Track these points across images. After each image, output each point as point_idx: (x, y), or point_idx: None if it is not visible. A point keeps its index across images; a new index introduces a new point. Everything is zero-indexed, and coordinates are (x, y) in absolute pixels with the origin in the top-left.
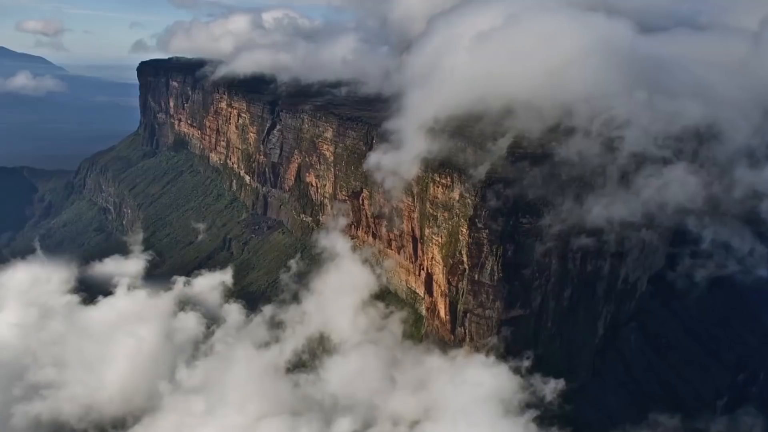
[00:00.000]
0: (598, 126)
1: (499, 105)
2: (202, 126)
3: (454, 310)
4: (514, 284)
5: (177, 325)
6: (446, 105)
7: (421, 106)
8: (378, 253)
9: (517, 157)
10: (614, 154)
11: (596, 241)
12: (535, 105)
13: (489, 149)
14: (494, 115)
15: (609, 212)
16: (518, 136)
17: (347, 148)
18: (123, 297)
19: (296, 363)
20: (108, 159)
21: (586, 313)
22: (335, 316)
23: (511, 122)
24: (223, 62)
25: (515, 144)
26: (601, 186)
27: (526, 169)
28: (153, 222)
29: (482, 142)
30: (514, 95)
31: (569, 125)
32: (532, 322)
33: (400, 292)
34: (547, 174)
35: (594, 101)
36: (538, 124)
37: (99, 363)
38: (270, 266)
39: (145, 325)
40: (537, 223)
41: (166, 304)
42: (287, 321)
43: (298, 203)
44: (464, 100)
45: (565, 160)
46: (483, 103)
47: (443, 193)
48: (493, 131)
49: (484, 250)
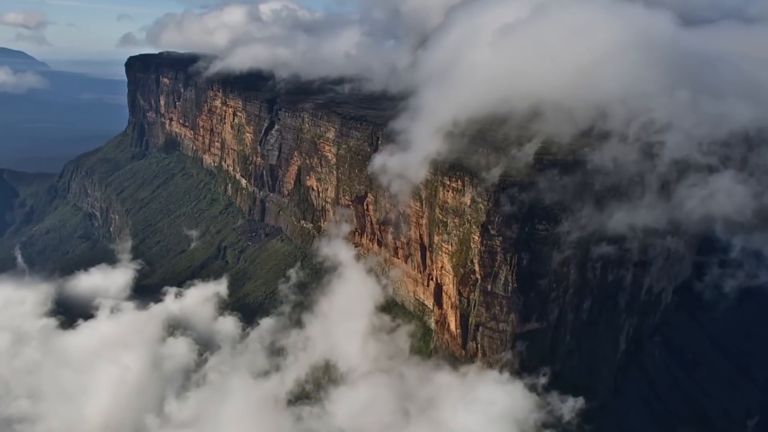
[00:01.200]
0: (636, 130)
1: (526, 106)
2: (195, 126)
3: (465, 323)
4: (530, 295)
5: (166, 352)
6: (466, 106)
7: (437, 107)
8: (384, 262)
9: (546, 164)
10: (654, 162)
11: (618, 249)
12: (566, 106)
13: (514, 156)
14: (520, 118)
15: (632, 218)
16: (547, 141)
17: (350, 150)
18: (105, 320)
19: (299, 394)
20: (94, 161)
21: (607, 326)
22: (340, 339)
23: (539, 126)
24: (218, 57)
25: (543, 150)
26: (639, 197)
27: (555, 178)
28: (142, 229)
29: (506, 147)
30: (542, 95)
31: (603, 129)
32: (549, 336)
33: (408, 304)
34: (579, 183)
35: (631, 102)
36: (568, 128)
37: (79, 394)
38: (268, 276)
39: (131, 352)
40: (554, 229)
41: (154, 328)
42: (288, 346)
43: (298, 209)
44: (486, 100)
45: (598, 168)
46: (507, 105)
47: (454, 198)
48: (519, 135)
49: (497, 258)
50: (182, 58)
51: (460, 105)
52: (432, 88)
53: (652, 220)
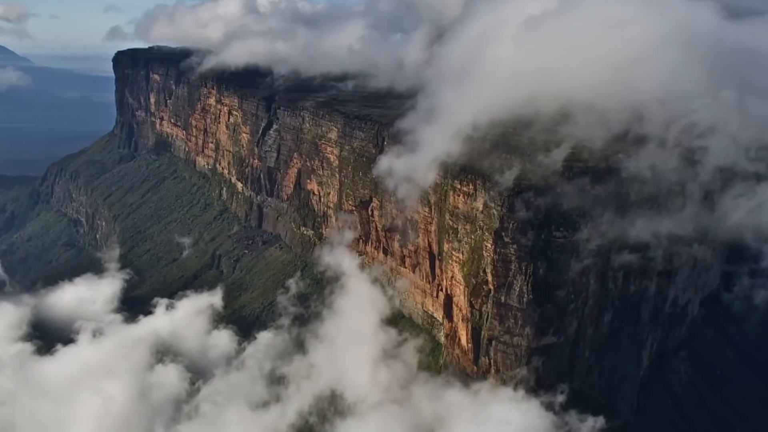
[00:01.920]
0: (676, 134)
1: (553, 108)
2: (188, 125)
3: (477, 337)
4: (547, 307)
5: (154, 380)
6: (487, 107)
7: (455, 109)
8: (390, 271)
9: (576, 172)
10: (695, 169)
11: (641, 257)
12: (598, 108)
13: (541, 163)
14: (547, 121)
15: (655, 225)
16: (577, 147)
17: (354, 151)
18: (87, 345)
19: (302, 428)
20: (79, 163)
21: (630, 340)
22: (342, 358)
23: (568, 129)
24: (212, 52)
25: (573, 156)
26: (679, 208)
27: (586, 187)
28: (131, 236)
29: (532, 153)
30: (571, 96)
31: (640, 133)
32: (566, 351)
33: (415, 317)
34: (613, 193)
35: (671, 103)
36: (601, 132)
37: (58, 427)
38: (265, 287)
39: (115, 381)
40: (573, 236)
41: (141, 354)
42: (289, 374)
43: (298, 214)
44: (510, 101)
45: (634, 177)
46: (533, 106)
47: (465, 203)
48: (546, 140)
49: (511, 268)
50: (174, 53)
51: (481, 106)
52: (449, 86)
53: (679, 226)
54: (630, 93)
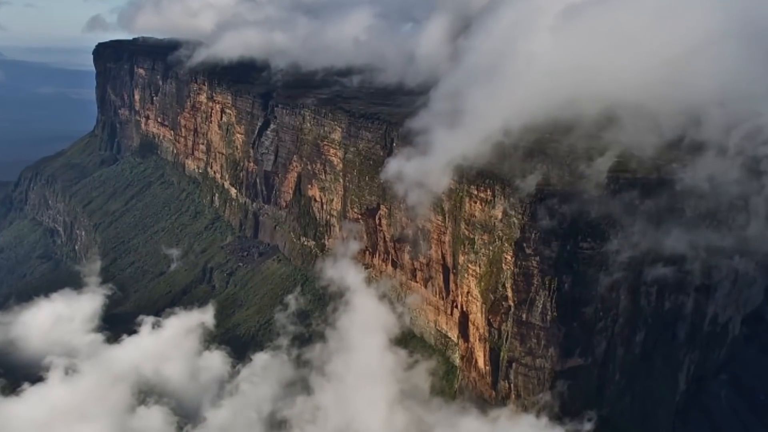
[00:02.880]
0: (738, 140)
1: (597, 110)
2: (176, 125)
3: (495, 358)
4: (572, 326)
5: (135, 425)
6: (521, 110)
7: (481, 110)
8: (399, 286)
9: (622, 184)
10: (761, 180)
11: (677, 270)
12: (649, 110)
13: (582, 173)
14: (589, 125)
15: (693, 235)
16: (624, 155)
17: (360, 153)
18: (59, 383)
19: None
20: (56, 167)
21: (664, 362)
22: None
23: (614, 135)
24: (203, 44)
25: (619, 166)
26: (742, 225)
27: (635, 201)
28: (113, 247)
29: (573, 162)
30: (618, 96)
31: (696, 139)
32: (594, 374)
33: (428, 336)
34: (666, 208)
35: (732, 105)
36: (651, 138)
37: None
38: (262, 303)
39: (90, 426)
40: (601, 248)
41: (120, 394)
42: (290, 414)
43: (298, 223)
44: (547, 103)
45: (690, 189)
46: (573, 108)
47: (482, 210)
48: (589, 147)
49: (533, 282)
50: (161, 45)
51: (513, 109)
52: (473, 84)
53: (719, 237)
54: (685, 93)
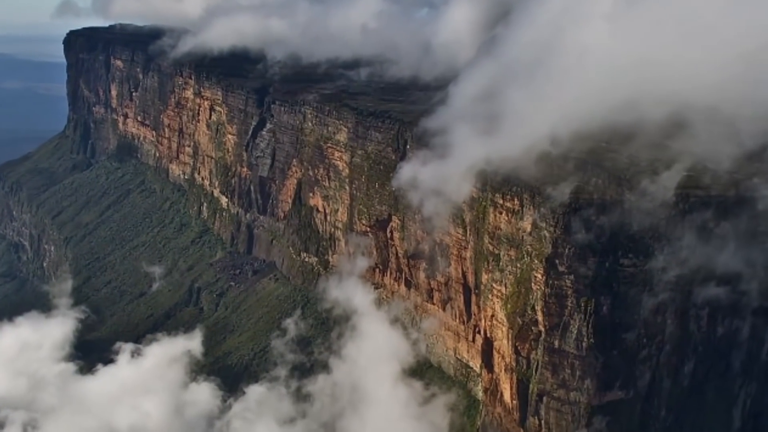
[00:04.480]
0: None
1: (663, 114)
2: (159, 125)
3: (524, 391)
4: (612, 354)
5: None
6: (570, 114)
7: (522, 114)
8: (414, 309)
9: (693, 203)
10: None
11: (731, 291)
12: (725, 114)
13: (645, 189)
14: (654, 132)
15: (749, 250)
16: (695, 168)
17: (369, 157)
18: None
19: None
20: (21, 172)
21: (717, 395)
22: None
23: (684, 144)
24: (189, 32)
25: (690, 181)
26: None
27: (709, 223)
28: (86, 264)
29: (633, 177)
30: (687, 98)
31: None
32: (637, 409)
33: (446, 366)
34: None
35: None
36: (728, 148)
37: None
38: (257, 329)
39: None
40: (645, 265)
41: None
42: None
43: (298, 237)
44: (602, 105)
45: None
46: (634, 111)
47: (509, 222)
48: (653, 159)
49: (567, 304)
50: (141, 33)
51: (562, 112)
52: (510, 83)
53: None
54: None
